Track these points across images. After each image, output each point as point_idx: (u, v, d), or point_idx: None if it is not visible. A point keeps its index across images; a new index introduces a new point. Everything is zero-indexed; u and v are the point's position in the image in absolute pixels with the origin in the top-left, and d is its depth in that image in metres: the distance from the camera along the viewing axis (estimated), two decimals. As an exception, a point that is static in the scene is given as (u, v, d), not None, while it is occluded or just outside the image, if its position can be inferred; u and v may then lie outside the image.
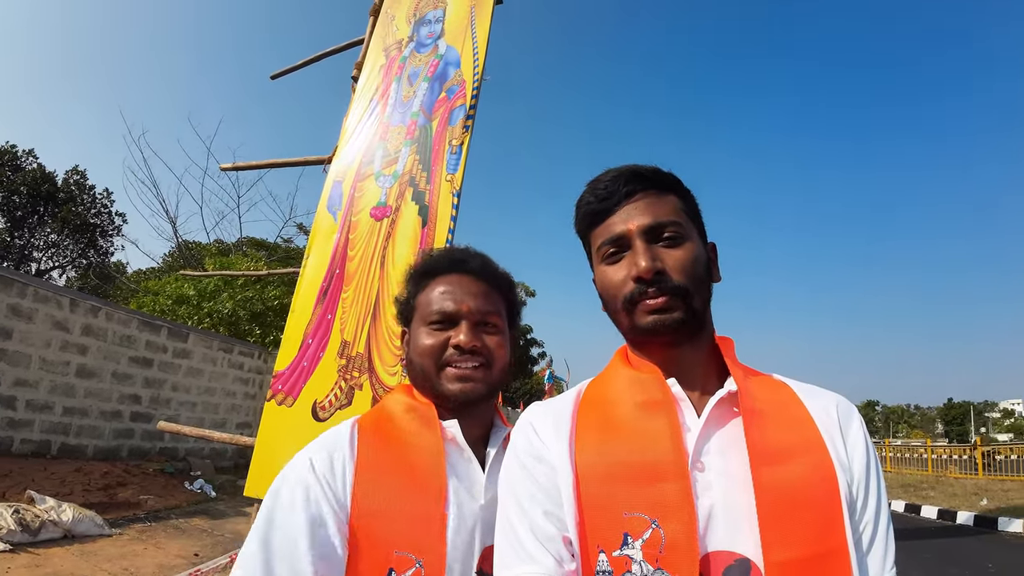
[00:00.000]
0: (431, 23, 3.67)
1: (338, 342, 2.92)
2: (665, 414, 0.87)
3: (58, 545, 5.72)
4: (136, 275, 25.70)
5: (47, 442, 8.84)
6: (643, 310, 0.90)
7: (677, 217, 0.94)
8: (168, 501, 8.09)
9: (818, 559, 0.77)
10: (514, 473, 0.94)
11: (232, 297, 14.32)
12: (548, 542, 0.84)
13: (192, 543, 6.39)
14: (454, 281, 1.19)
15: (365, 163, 3.36)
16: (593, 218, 0.99)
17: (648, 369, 0.93)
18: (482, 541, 1.04)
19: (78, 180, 27.01)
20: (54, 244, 26.45)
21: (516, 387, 34.56)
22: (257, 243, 20.85)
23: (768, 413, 0.88)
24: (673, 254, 0.91)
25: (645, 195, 0.95)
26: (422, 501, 1.01)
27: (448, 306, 1.15)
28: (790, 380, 0.97)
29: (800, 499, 0.80)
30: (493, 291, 1.21)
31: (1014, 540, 9.03)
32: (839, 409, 0.92)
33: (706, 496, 0.82)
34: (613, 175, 0.97)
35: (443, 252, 1.28)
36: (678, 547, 0.77)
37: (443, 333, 1.14)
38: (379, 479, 1.02)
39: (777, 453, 0.83)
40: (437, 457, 1.06)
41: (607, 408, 0.94)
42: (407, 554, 0.96)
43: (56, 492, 6.83)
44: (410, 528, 0.98)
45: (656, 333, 0.90)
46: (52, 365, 8.90)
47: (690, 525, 0.78)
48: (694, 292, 0.90)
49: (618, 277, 0.93)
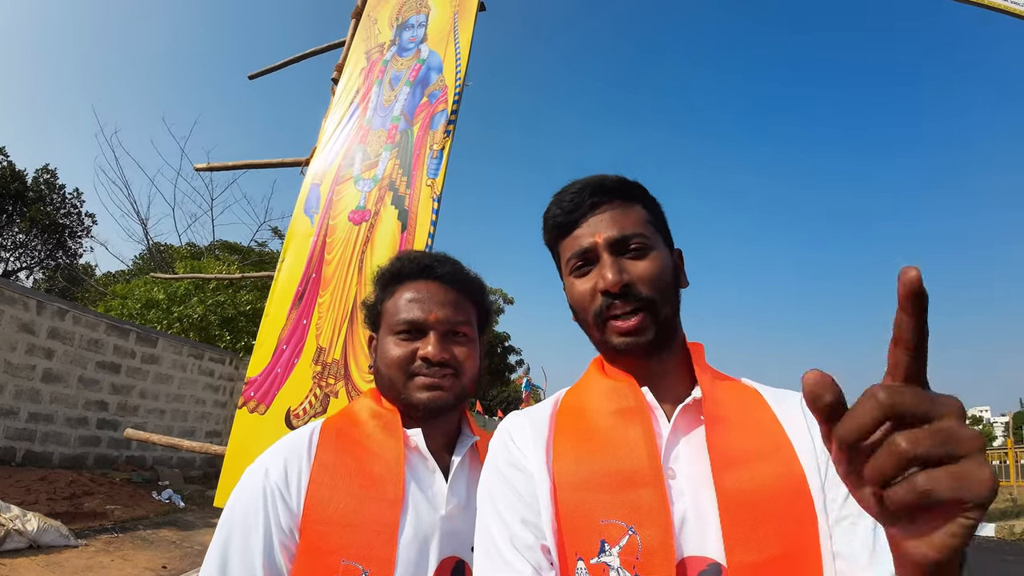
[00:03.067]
0: (414, 27, 3.64)
1: (313, 348, 2.86)
2: (639, 421, 0.87)
3: (23, 555, 5.53)
4: (105, 278, 25.17)
5: (12, 449, 8.59)
6: (613, 331, 0.91)
7: (643, 228, 0.94)
8: (135, 511, 7.88)
9: (784, 560, 0.77)
10: (492, 481, 0.93)
11: (203, 301, 14.06)
12: (526, 550, 0.83)
13: (160, 555, 6.22)
14: (422, 288, 1.16)
15: (344, 166, 3.32)
16: (559, 231, 0.99)
17: (622, 378, 0.94)
18: (440, 552, 1.02)
19: (48, 179, 26.37)
20: (22, 244, 25.74)
21: (493, 395, 34.47)
22: (230, 247, 20.52)
23: (731, 418, 0.89)
24: (640, 265, 0.92)
25: (610, 207, 0.95)
26: (376, 509, 1.00)
27: (416, 315, 1.12)
28: (759, 385, 0.98)
29: (763, 501, 0.80)
30: (463, 299, 1.19)
31: (987, 544, 9.20)
32: (805, 408, 0.91)
33: (679, 502, 0.82)
34: (578, 187, 0.98)
35: (412, 256, 1.23)
36: (654, 553, 0.77)
37: (411, 344, 1.12)
38: (335, 485, 1.01)
39: (739, 457, 0.84)
40: (396, 465, 1.05)
41: (583, 416, 0.94)
42: (354, 563, 0.95)
43: (21, 500, 6.63)
44: (360, 537, 0.97)
45: (628, 353, 0.92)
46: (17, 369, 8.65)
47: (666, 531, 0.78)
48: (661, 303, 0.91)
49: (586, 289, 0.94)
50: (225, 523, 0.99)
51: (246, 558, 0.95)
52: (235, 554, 0.96)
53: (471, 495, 1.00)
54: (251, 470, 1.04)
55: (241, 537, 0.97)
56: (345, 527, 0.97)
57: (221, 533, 0.99)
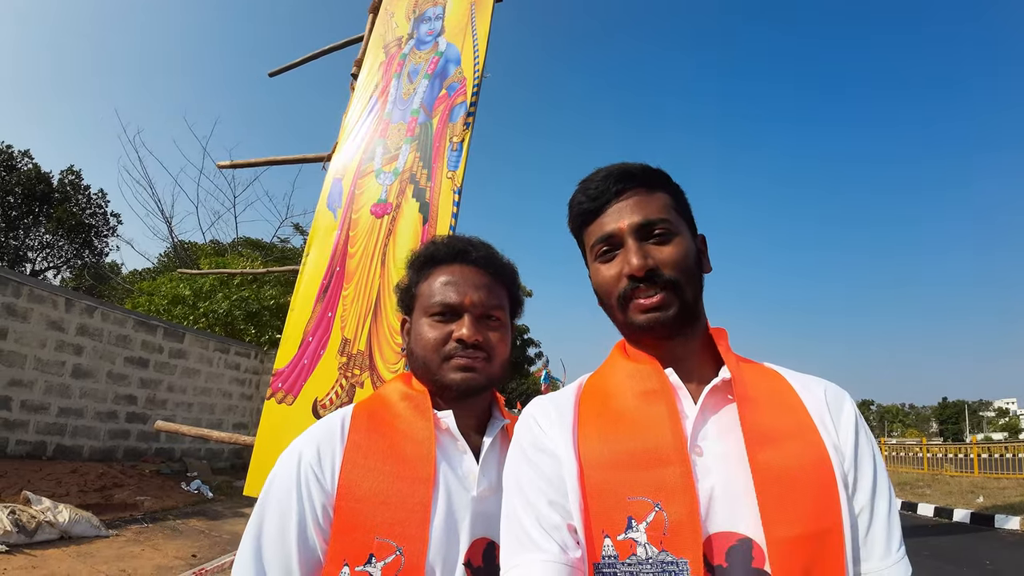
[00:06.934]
0: (431, 20, 3.65)
1: (339, 340, 2.90)
2: (664, 401, 0.90)
3: (54, 546, 5.68)
4: (131, 275, 25.59)
5: (43, 443, 8.80)
6: (636, 308, 0.93)
7: (666, 214, 0.97)
8: (165, 502, 8.05)
9: (815, 537, 0.79)
10: (518, 464, 0.95)
11: (228, 297, 14.25)
12: (553, 530, 0.85)
13: (189, 544, 6.35)
14: (457, 271, 1.16)
15: (365, 160, 3.35)
16: (585, 217, 1.02)
17: (646, 360, 0.96)
18: (472, 533, 1.03)
19: (73, 180, 26.84)
20: (49, 245, 26.26)
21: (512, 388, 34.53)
22: (253, 243, 20.78)
23: (761, 399, 0.91)
24: (664, 250, 0.94)
25: (634, 193, 0.98)
26: (409, 489, 1.01)
27: (451, 298, 1.13)
28: (781, 368, 1.01)
29: (796, 479, 0.82)
30: (497, 284, 1.19)
31: (1011, 538, 9.06)
32: (828, 394, 0.95)
33: (706, 479, 0.84)
34: (603, 174, 1.00)
35: (447, 240, 1.24)
36: (682, 529, 0.79)
37: (446, 326, 1.13)
38: (368, 465, 1.03)
39: (772, 436, 0.86)
40: (427, 445, 1.06)
41: (608, 398, 0.96)
42: (388, 540, 0.97)
43: (52, 493, 6.79)
44: (393, 515, 0.98)
45: (651, 330, 0.94)
46: (47, 365, 8.86)
47: (692, 507, 0.80)
48: (685, 285, 0.93)
49: (611, 274, 0.96)
50: (260, 506, 1.02)
51: (281, 539, 0.97)
52: (269, 536, 0.98)
53: (502, 477, 1.01)
54: (285, 455, 1.06)
55: (276, 519, 0.99)
56: (378, 505, 0.99)
57: (256, 516, 1.01)
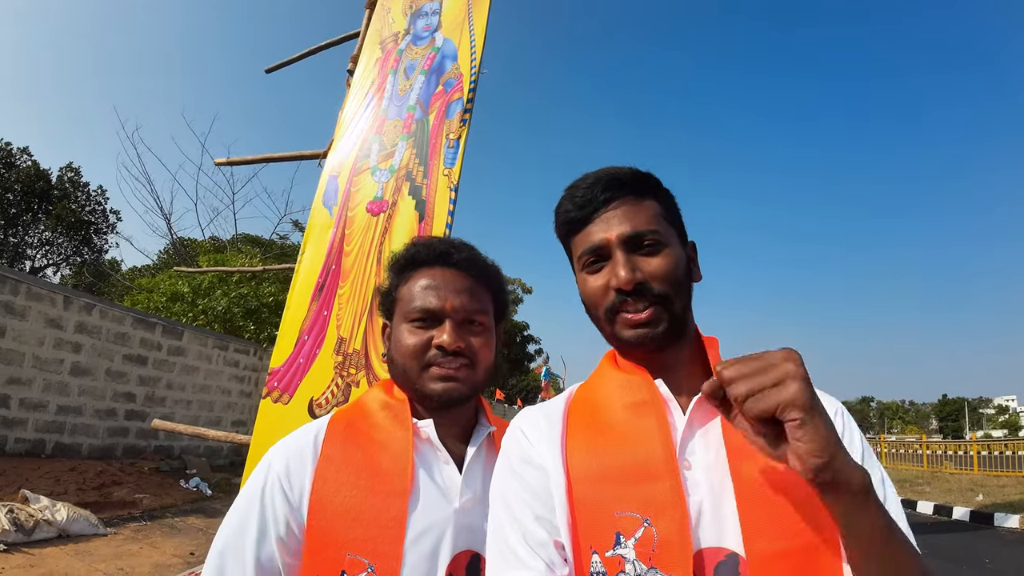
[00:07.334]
0: (428, 15, 3.63)
1: (334, 338, 2.88)
2: (654, 414, 0.87)
3: (53, 545, 5.68)
4: (130, 272, 25.59)
5: (41, 441, 8.80)
6: (624, 323, 0.90)
7: (656, 224, 0.93)
8: (163, 500, 8.05)
9: (803, 552, 0.76)
10: (505, 478, 0.93)
11: (227, 294, 14.25)
12: (539, 547, 0.83)
13: (188, 542, 6.35)
14: (438, 275, 1.12)
15: (361, 157, 3.32)
16: (572, 226, 0.98)
17: (636, 371, 0.93)
18: (454, 546, 1.00)
19: (72, 177, 26.83)
20: (48, 242, 26.27)
21: (512, 384, 34.57)
22: (252, 240, 20.80)
23: None
24: (653, 262, 0.90)
25: (623, 202, 0.94)
26: (383, 503, 0.98)
27: (431, 302, 1.09)
28: None
29: (781, 491, 0.79)
30: (479, 287, 1.15)
31: (1010, 536, 9.06)
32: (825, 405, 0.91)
33: (695, 493, 0.82)
34: (591, 181, 0.96)
35: (427, 242, 1.19)
36: (671, 545, 0.77)
37: (426, 332, 1.09)
38: (340, 479, 1.00)
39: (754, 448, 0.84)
40: (404, 457, 1.02)
41: (597, 410, 0.94)
42: (359, 557, 0.94)
43: (50, 491, 6.79)
44: (366, 531, 0.95)
45: (639, 346, 0.91)
46: (46, 363, 8.85)
47: (682, 523, 0.78)
48: (675, 298, 0.90)
49: (599, 286, 0.93)
50: (227, 517, 1.00)
51: (239, 554, 0.95)
52: (231, 549, 0.96)
53: (487, 487, 0.98)
54: (257, 466, 1.04)
55: (237, 532, 0.97)
56: (350, 521, 0.96)
57: (222, 526, 1.00)
